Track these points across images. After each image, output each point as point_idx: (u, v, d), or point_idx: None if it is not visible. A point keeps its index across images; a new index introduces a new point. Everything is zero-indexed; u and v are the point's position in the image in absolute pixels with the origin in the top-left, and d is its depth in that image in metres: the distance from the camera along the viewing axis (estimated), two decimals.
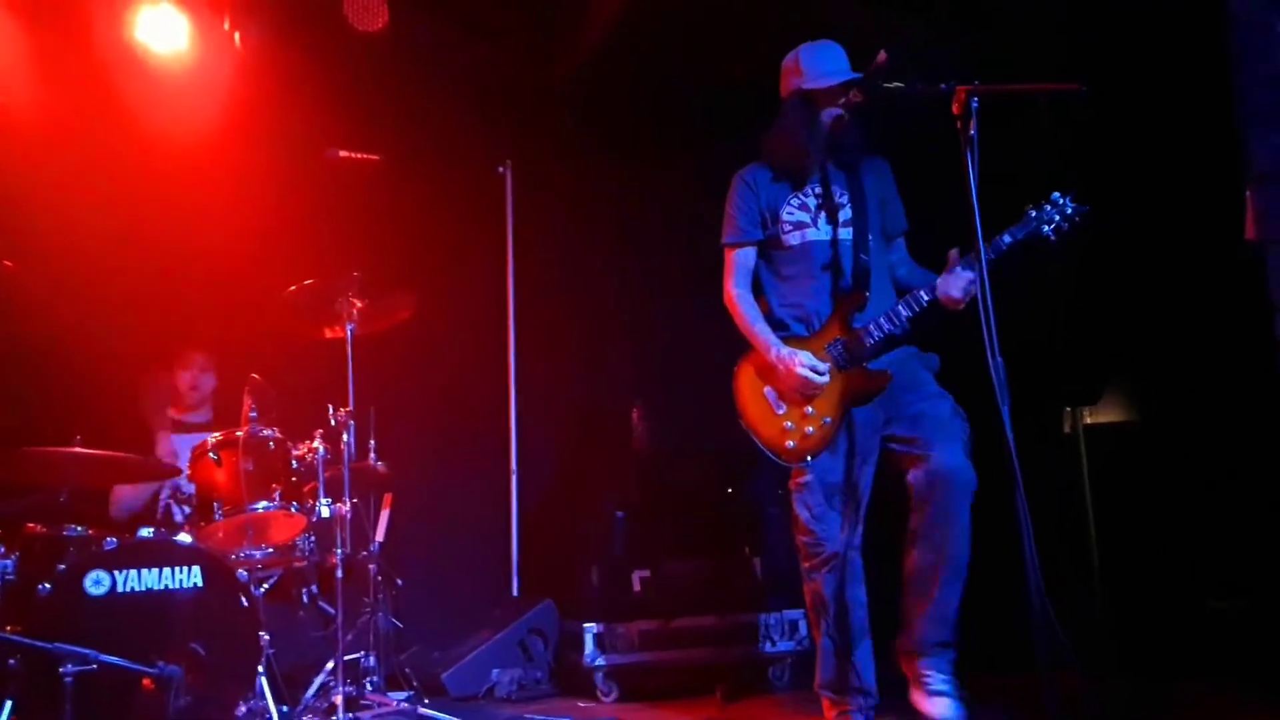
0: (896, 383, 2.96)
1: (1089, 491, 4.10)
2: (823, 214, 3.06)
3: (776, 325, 3.07)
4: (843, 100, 2.99)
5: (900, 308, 2.90)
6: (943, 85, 2.57)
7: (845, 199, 3.08)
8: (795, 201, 3.10)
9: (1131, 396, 4.26)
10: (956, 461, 2.85)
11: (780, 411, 2.98)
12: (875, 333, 2.92)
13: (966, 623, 3.03)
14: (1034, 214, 2.80)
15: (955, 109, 2.49)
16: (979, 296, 2.45)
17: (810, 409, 2.94)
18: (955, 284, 2.84)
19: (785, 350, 2.96)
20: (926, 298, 2.87)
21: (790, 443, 2.96)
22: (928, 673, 2.89)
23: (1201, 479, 3.90)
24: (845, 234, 3.05)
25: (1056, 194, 2.80)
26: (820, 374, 2.90)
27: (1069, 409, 4.23)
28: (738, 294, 3.13)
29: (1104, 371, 4.31)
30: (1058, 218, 2.78)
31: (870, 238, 3.06)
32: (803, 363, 2.91)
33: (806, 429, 2.94)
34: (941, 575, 2.87)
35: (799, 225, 3.08)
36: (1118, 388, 4.28)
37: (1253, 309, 2.71)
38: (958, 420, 2.94)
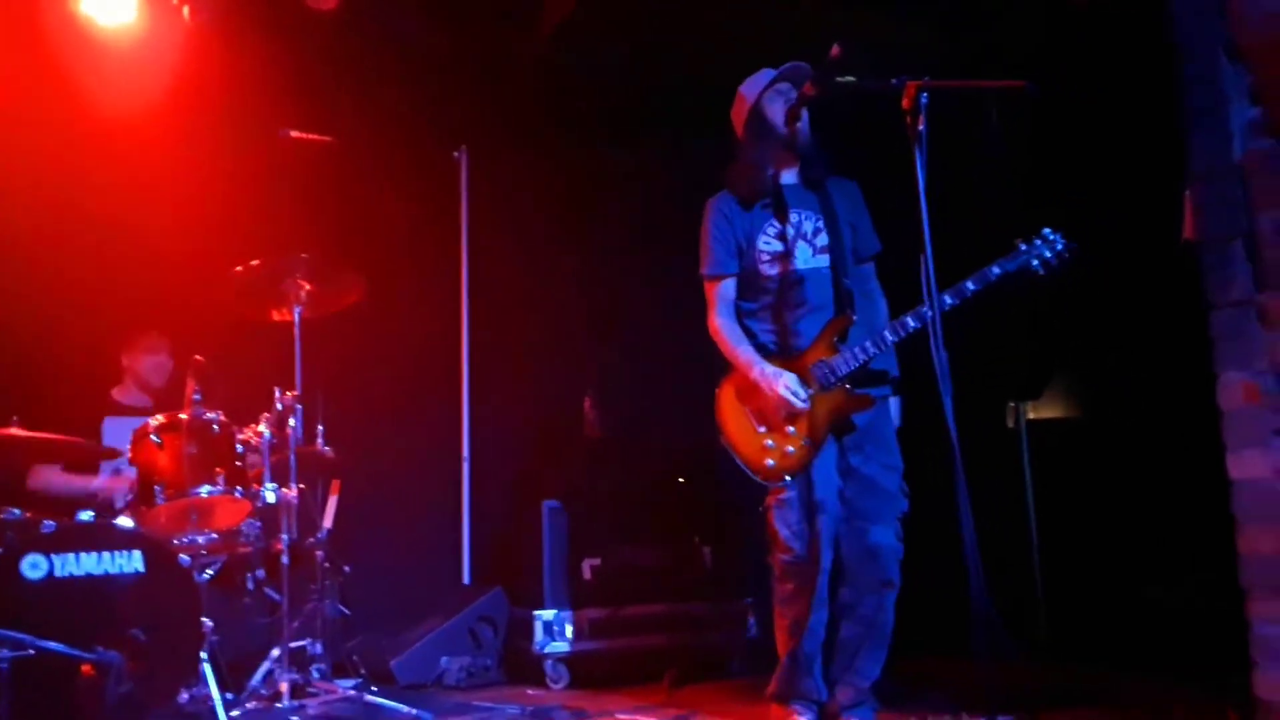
0: (869, 432, 3.00)
1: (1031, 484, 4.19)
2: (799, 241, 3.07)
3: (759, 350, 3.08)
4: (796, 95, 3.00)
5: (886, 333, 2.92)
6: (893, 80, 2.59)
7: (820, 224, 3.09)
8: (772, 230, 3.09)
9: (1073, 392, 4.35)
10: (889, 543, 2.99)
11: (761, 430, 2.98)
12: (860, 355, 2.93)
13: (909, 609, 3.08)
14: (1024, 248, 2.86)
15: (905, 104, 2.51)
16: (924, 290, 2.48)
17: (791, 429, 2.95)
18: None
19: (769, 369, 2.98)
20: (913, 324, 2.88)
21: (770, 461, 2.96)
22: None
23: (1140, 472, 4.00)
24: (823, 260, 3.07)
25: (1047, 230, 2.87)
26: (800, 398, 2.92)
27: (1012, 404, 4.31)
28: (721, 324, 3.15)
29: (1047, 367, 4.39)
30: (1048, 253, 2.85)
31: (849, 261, 3.09)
32: (786, 384, 2.93)
33: (787, 448, 2.95)
34: (867, 646, 3.01)
35: (775, 255, 3.08)
36: (1060, 384, 4.37)
37: (1190, 306, 2.77)
38: (900, 497, 3.03)
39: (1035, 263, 2.85)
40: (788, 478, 2.96)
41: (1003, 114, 2.75)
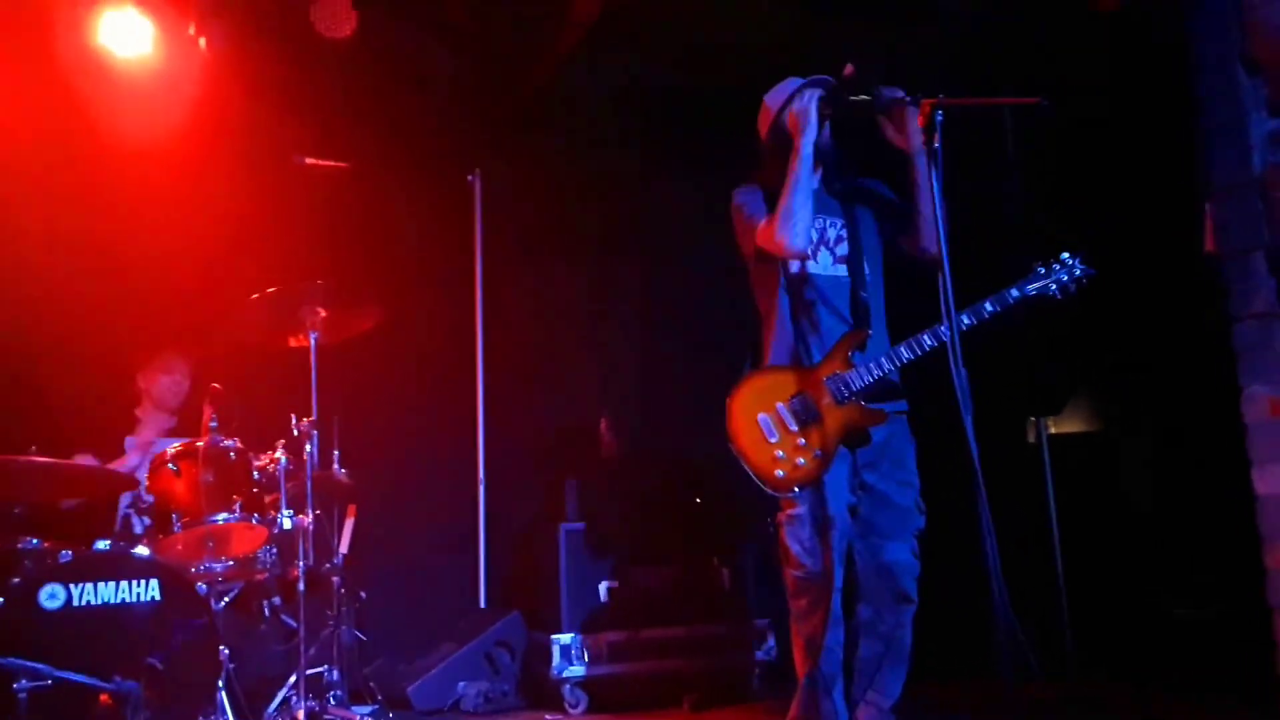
0: (884, 448, 2.98)
1: (1053, 501, 4.14)
2: (821, 248, 3.06)
3: (797, 341, 3.04)
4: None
5: (902, 349, 2.90)
6: (908, 98, 2.58)
7: (844, 233, 3.07)
8: None
9: (1095, 407, 4.31)
10: (905, 559, 2.95)
11: (773, 440, 2.95)
12: (875, 371, 2.91)
13: (931, 631, 3.04)
14: (1042, 271, 2.84)
15: (920, 122, 2.50)
16: (943, 309, 2.46)
17: (803, 440, 2.93)
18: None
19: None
20: (930, 342, 2.86)
21: (780, 472, 2.93)
22: None
23: (1164, 487, 3.95)
24: (841, 270, 3.05)
25: (1065, 254, 2.84)
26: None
27: (1033, 419, 4.27)
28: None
29: (1068, 382, 4.35)
30: (1065, 278, 2.82)
31: (868, 271, 3.07)
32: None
33: (798, 460, 2.92)
34: (887, 664, 2.96)
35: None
36: (1081, 398, 4.32)
37: (1212, 321, 2.75)
38: (916, 513, 2.99)
39: (1054, 288, 2.83)
40: (797, 489, 2.94)
41: (1019, 130, 2.74)
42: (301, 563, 3.46)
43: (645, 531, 4.39)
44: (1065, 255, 2.85)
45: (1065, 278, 2.83)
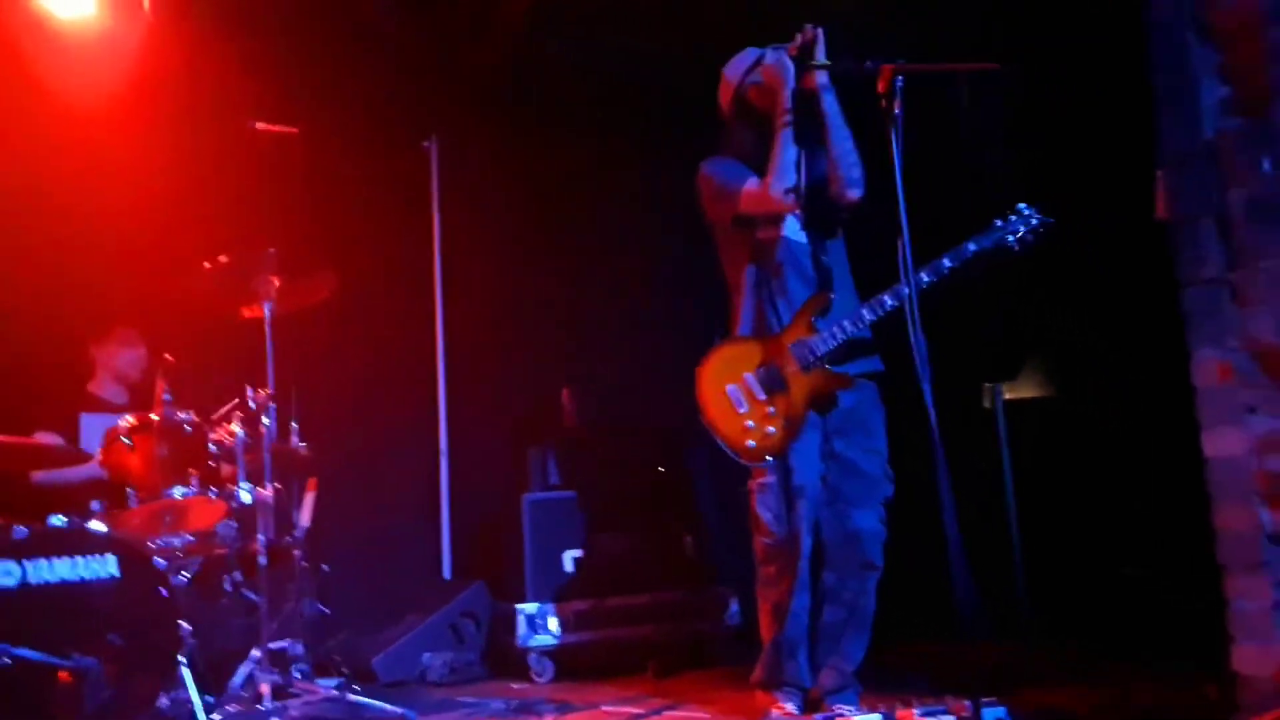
0: (853, 415, 3.00)
1: (1009, 465, 4.21)
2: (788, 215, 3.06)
3: (769, 305, 3.05)
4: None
5: (864, 311, 2.91)
6: (868, 63, 2.58)
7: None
8: None
9: (1049, 372, 4.38)
10: (871, 527, 2.99)
11: (742, 410, 2.97)
12: (839, 334, 2.93)
13: (892, 594, 3.09)
14: (999, 224, 2.88)
15: (880, 88, 2.50)
16: (901, 273, 2.48)
17: (772, 409, 2.95)
18: None
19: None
20: (891, 302, 2.88)
21: (750, 442, 2.95)
22: (841, 709, 2.96)
23: (1117, 451, 4.03)
24: (802, 235, 3.06)
25: (1022, 205, 2.89)
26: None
27: (989, 385, 4.33)
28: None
29: (1022, 348, 4.42)
30: (1022, 229, 2.87)
31: (828, 236, 3.07)
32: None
33: (768, 429, 2.94)
34: (850, 629, 3.02)
35: (768, 220, 3.07)
36: (1036, 364, 4.39)
37: (1163, 286, 2.79)
38: (884, 481, 3.03)
39: (1011, 239, 2.87)
40: (769, 458, 2.96)
41: (976, 95, 2.75)
42: (262, 536, 3.42)
43: (609, 500, 4.41)
44: (1021, 206, 2.89)
45: (1022, 229, 2.87)
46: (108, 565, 3.09)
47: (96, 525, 3.27)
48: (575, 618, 4.16)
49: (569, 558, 4.27)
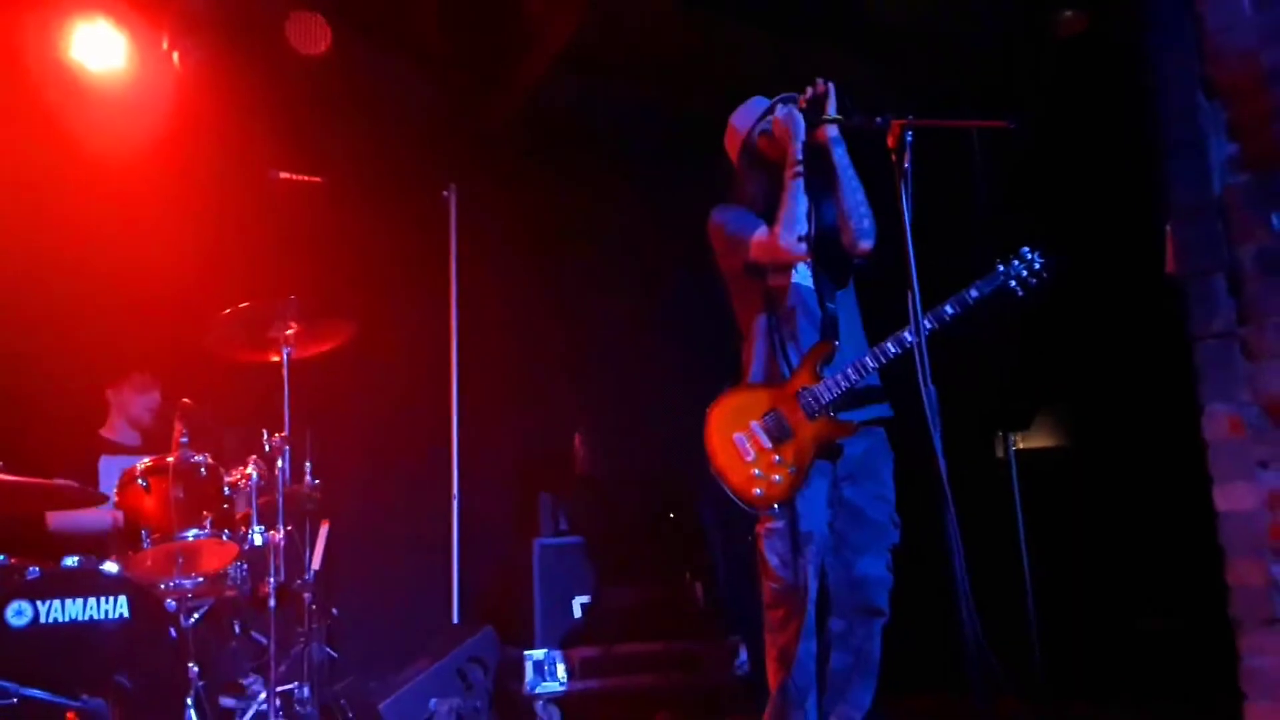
0: (862, 461, 3.01)
1: (1021, 515, 4.18)
2: (798, 262, 3.09)
3: (779, 352, 3.06)
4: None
5: (868, 359, 2.93)
6: (878, 119, 2.62)
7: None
8: None
9: (1062, 422, 4.37)
10: (878, 574, 2.98)
11: (749, 459, 2.97)
12: (843, 383, 2.94)
13: (901, 644, 3.07)
14: (1002, 269, 2.88)
15: (890, 142, 2.54)
16: (912, 324, 2.49)
17: (778, 457, 2.95)
18: None
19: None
20: (894, 349, 2.89)
21: (758, 490, 2.95)
22: None
23: (1130, 503, 4.00)
24: (809, 281, 3.09)
25: (1025, 249, 2.88)
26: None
27: (1001, 434, 4.32)
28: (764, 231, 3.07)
29: (1035, 397, 4.41)
30: (1025, 273, 2.86)
31: (838, 285, 3.09)
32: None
33: (774, 477, 2.94)
34: (857, 675, 2.99)
35: (778, 269, 3.10)
36: (1049, 413, 4.38)
37: (1175, 339, 2.80)
38: (890, 528, 3.01)
39: (1013, 283, 2.87)
40: (776, 506, 2.96)
41: (987, 150, 2.78)
42: (272, 579, 3.44)
43: (619, 547, 4.40)
44: (1024, 250, 2.89)
45: (1025, 272, 2.87)
46: (119, 606, 3.11)
47: (109, 566, 3.29)
48: (583, 665, 4.13)
49: (578, 604, 4.25)
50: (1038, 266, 2.87)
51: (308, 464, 3.99)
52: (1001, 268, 2.88)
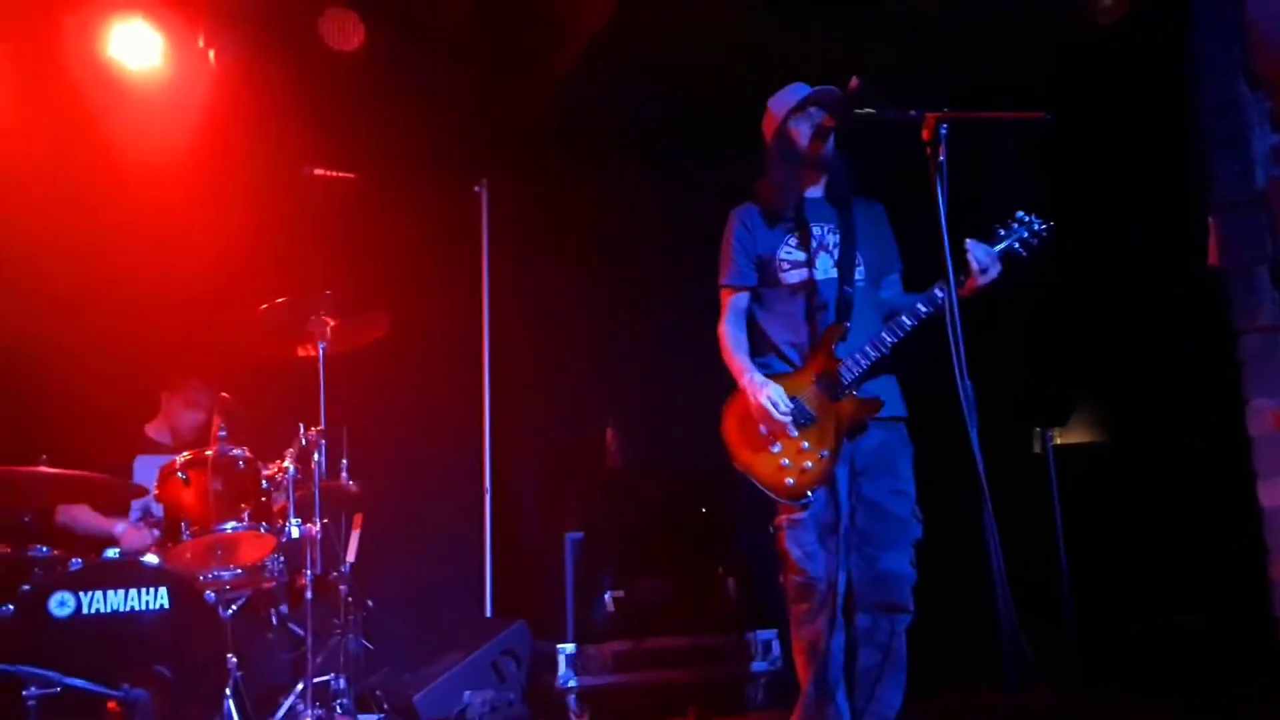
0: (878, 455, 2.99)
1: (1058, 511, 4.14)
2: (821, 253, 3.08)
3: (772, 352, 3.08)
4: (822, 118, 3.03)
5: (884, 334, 2.92)
6: (913, 112, 2.61)
7: (836, 238, 3.10)
8: (793, 241, 3.10)
9: (1100, 417, 4.31)
10: (901, 570, 2.95)
11: (776, 450, 2.95)
12: (861, 360, 2.93)
13: (937, 640, 3.05)
14: (1002, 233, 2.90)
15: (925, 135, 2.52)
16: (948, 321, 2.47)
17: (806, 444, 2.93)
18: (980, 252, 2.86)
19: (757, 378, 2.98)
20: (909, 323, 2.89)
21: (789, 479, 2.93)
22: None
23: (1168, 498, 3.95)
24: (834, 272, 3.08)
25: (1020, 213, 2.91)
26: (781, 410, 2.91)
27: (1038, 430, 4.27)
28: (727, 330, 3.14)
29: (1073, 393, 4.36)
30: (1026, 234, 2.89)
31: (857, 273, 3.08)
32: (769, 395, 2.92)
33: (804, 464, 2.92)
34: (887, 673, 2.95)
35: (796, 264, 3.09)
36: (1086, 409, 4.33)
37: (1216, 332, 2.76)
38: (912, 522, 2.99)
39: (1016, 244, 2.89)
40: (810, 494, 2.94)
41: (1022, 143, 2.76)
42: (309, 571, 3.48)
43: (651, 541, 4.40)
44: (1020, 214, 2.90)
45: (1025, 234, 2.88)
46: (159, 597, 3.17)
47: (149, 558, 3.35)
48: (615, 659, 4.14)
49: (609, 598, 4.26)
50: (1037, 227, 2.89)
51: (343, 460, 4.03)
52: (1001, 231, 2.91)
